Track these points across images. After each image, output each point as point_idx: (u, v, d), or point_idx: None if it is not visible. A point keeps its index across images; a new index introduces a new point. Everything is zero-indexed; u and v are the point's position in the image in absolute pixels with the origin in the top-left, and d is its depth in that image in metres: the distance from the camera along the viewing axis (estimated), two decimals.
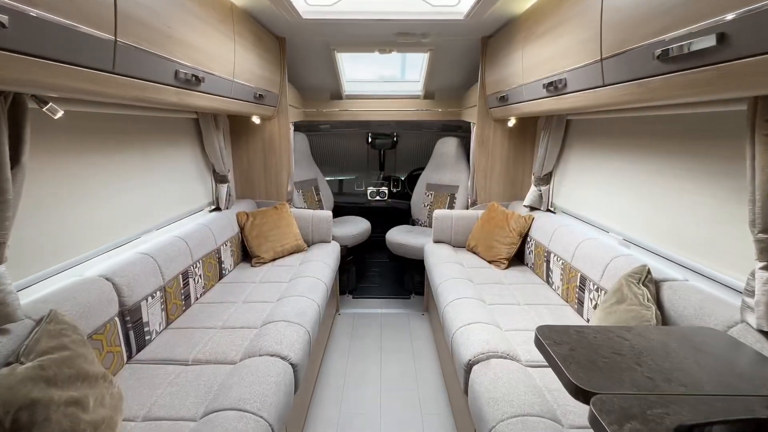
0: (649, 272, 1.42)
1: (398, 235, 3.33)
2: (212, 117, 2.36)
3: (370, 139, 4.22)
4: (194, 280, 2.04)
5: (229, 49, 1.90)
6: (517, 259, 2.67)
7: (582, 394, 0.76)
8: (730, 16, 0.82)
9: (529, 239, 2.59)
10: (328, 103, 3.61)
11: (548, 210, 2.64)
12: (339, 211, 4.14)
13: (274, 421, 1.27)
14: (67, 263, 1.48)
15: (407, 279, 3.56)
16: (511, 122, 2.83)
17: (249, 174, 3.05)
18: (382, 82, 3.62)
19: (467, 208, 3.46)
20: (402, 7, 2.34)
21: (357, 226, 3.44)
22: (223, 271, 2.40)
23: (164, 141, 2.11)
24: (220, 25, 1.80)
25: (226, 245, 2.44)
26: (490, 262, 2.66)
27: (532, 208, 2.71)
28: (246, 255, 2.73)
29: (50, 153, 1.42)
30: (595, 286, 1.80)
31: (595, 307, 1.79)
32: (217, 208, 2.64)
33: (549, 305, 2.06)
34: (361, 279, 3.77)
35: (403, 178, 4.41)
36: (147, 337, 1.63)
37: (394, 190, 4.27)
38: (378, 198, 4.21)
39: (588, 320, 1.85)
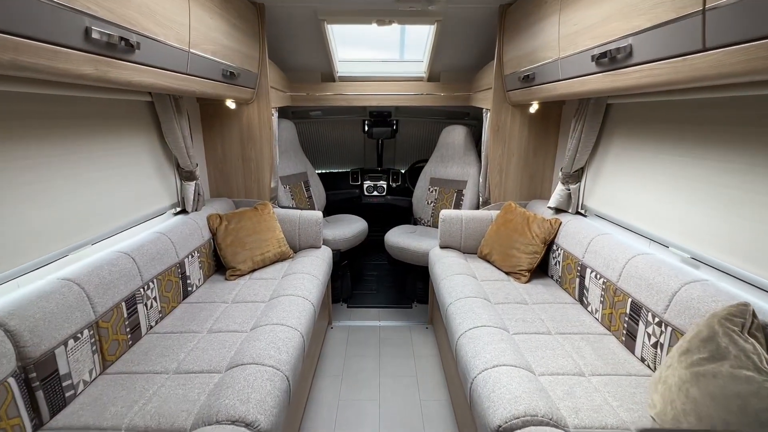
0: (754, 315, 1.02)
1: (398, 238, 2.92)
2: (171, 99, 1.91)
3: (366, 128, 3.77)
4: (145, 305, 1.62)
5: (180, 7, 1.45)
6: (539, 268, 2.27)
7: None
8: None
9: (555, 247, 2.18)
10: (319, 86, 3.15)
11: (578, 213, 2.23)
12: (332, 209, 3.72)
13: None
14: None
15: (409, 285, 3.17)
16: (533, 107, 2.39)
17: (224, 168, 2.61)
18: (380, 62, 3.16)
19: (477, 207, 3.05)
20: None
21: (352, 227, 3.03)
22: (189, 288, 1.98)
23: (105, 129, 1.67)
24: None
25: (192, 256, 2.02)
26: (507, 273, 2.26)
27: (558, 210, 2.30)
28: (220, 265, 2.31)
29: None
30: (656, 319, 1.40)
31: (655, 346, 1.40)
32: (183, 211, 2.21)
33: (587, 334, 1.66)
34: (357, 285, 3.38)
35: (403, 171, 3.98)
36: (68, 394, 1.23)
37: (394, 185, 3.84)
38: (375, 193, 3.80)
39: (649, 364, 1.46)
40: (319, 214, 2.54)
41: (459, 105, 3.18)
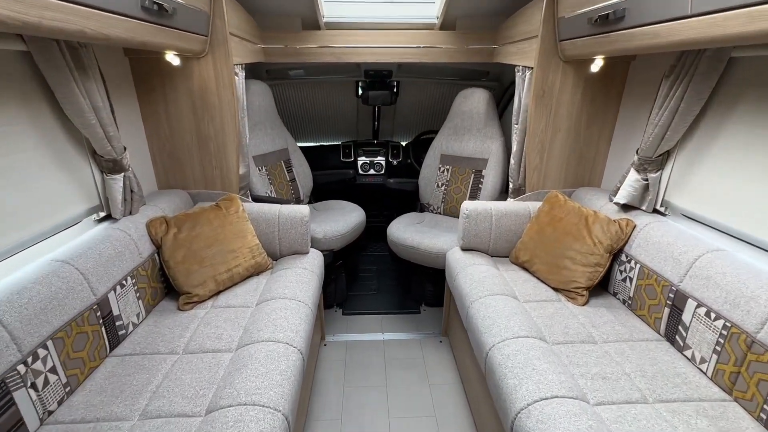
0: None
1: (404, 232, 2.33)
2: (61, 48, 1.20)
3: (360, 91, 3.06)
4: (33, 386, 1.03)
5: None
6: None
7: None
8: None
9: (623, 257, 1.63)
10: (300, 36, 2.41)
11: (656, 211, 1.67)
12: (319, 193, 3.08)
13: None
14: None
15: (415, 285, 2.63)
16: (596, 64, 1.75)
17: (174, 151, 1.93)
18: (379, 3, 2.41)
19: (501, 194, 2.47)
20: None
21: (347, 220, 2.41)
22: (121, 332, 1.38)
23: None
24: None
25: (124, 285, 1.40)
26: (556, 290, 1.72)
27: (626, 207, 1.73)
28: (171, 290, 1.70)
29: None
30: None
31: None
32: (109, 217, 1.56)
33: (699, 402, 1.15)
34: (354, 284, 2.82)
35: (405, 144, 3.32)
36: None
37: (395, 162, 3.20)
38: (372, 172, 3.16)
39: None
40: (305, 210, 1.92)
41: (480, 61, 2.50)
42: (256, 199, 2.23)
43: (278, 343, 1.33)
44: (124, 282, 1.40)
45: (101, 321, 1.28)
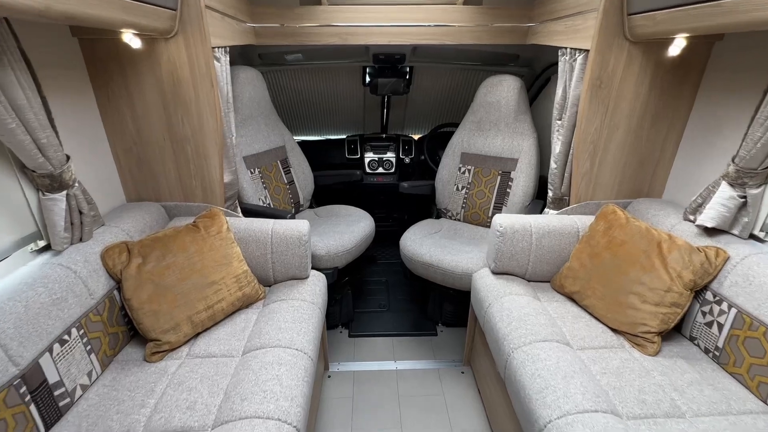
0: None
1: (420, 246, 1.98)
2: None
3: (368, 78, 2.67)
4: None
5: None
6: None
7: None
8: None
9: (710, 296, 1.28)
10: (298, 13, 2.02)
11: (753, 237, 1.31)
12: (322, 196, 2.73)
13: None
14: None
15: (432, 304, 2.30)
16: (677, 46, 1.37)
17: (142, 154, 1.57)
18: None
19: (534, 200, 2.11)
20: None
21: (353, 231, 2.07)
22: (62, 403, 1.05)
23: None
24: None
25: (64, 342, 1.07)
26: (616, 331, 1.38)
27: (714, 231, 1.36)
28: (135, 335, 1.37)
29: None
30: None
31: None
32: (48, 248, 1.21)
33: None
34: (360, 299, 2.49)
35: (417, 138, 2.94)
36: None
37: (407, 159, 2.83)
38: (381, 170, 2.80)
39: None
40: (303, 227, 1.57)
41: (511, 44, 2.10)
42: (248, 210, 1.88)
43: (268, 421, 1.00)
44: (65, 337, 1.07)
45: (29, 397, 0.95)
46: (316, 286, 1.61)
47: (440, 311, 2.28)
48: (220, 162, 1.59)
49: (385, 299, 2.52)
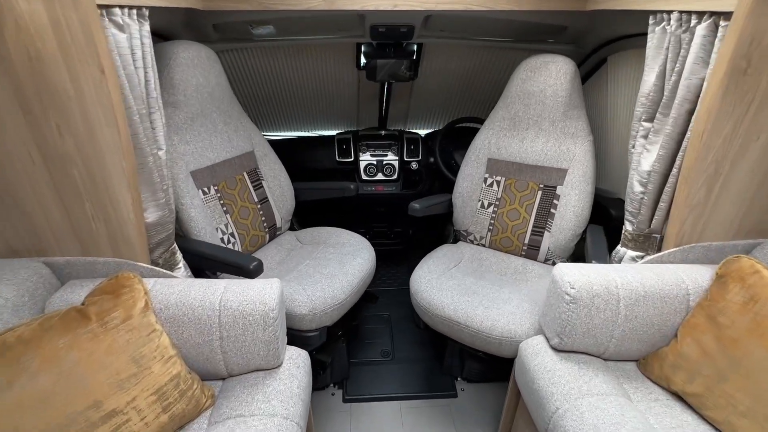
0: None
1: (437, 292, 1.43)
2: None
3: (363, 59, 2.06)
4: None
5: None
6: None
7: None
8: None
9: None
10: None
11: None
12: (305, 214, 2.14)
13: None
14: None
15: (450, 355, 1.78)
16: None
17: (4, 183, 0.97)
18: None
19: (589, 226, 1.58)
20: None
21: (347, 273, 1.50)
22: None
23: None
24: None
25: None
26: None
27: None
28: None
29: None
30: None
31: None
32: None
33: None
34: (357, 347, 1.95)
35: (423, 135, 2.35)
36: None
37: (413, 164, 2.24)
38: (381, 177, 2.23)
39: None
40: (271, 293, 1.00)
41: (560, 10, 1.51)
42: (194, 254, 1.30)
43: None
44: None
45: None
46: (292, 379, 1.06)
47: (461, 365, 1.77)
48: (132, 192, 0.99)
49: (389, 344, 1.98)
